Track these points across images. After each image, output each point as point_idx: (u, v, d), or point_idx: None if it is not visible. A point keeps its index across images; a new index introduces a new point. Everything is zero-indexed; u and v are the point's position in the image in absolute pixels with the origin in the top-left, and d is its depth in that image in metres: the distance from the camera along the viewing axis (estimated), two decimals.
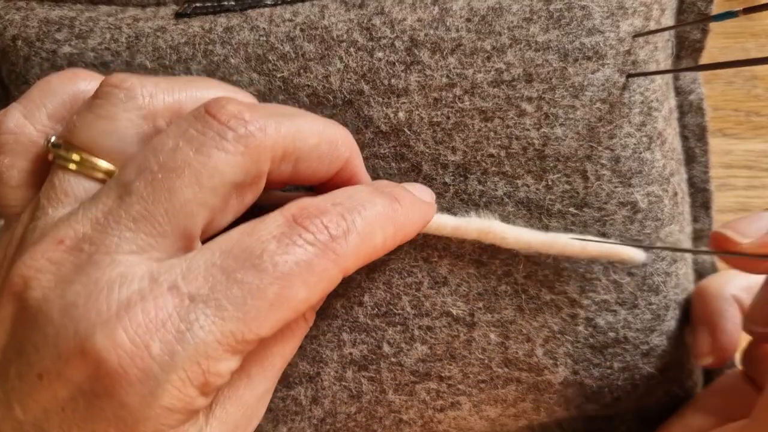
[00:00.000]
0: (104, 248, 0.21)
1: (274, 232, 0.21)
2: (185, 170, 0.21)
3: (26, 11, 0.31)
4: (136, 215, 0.21)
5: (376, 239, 0.23)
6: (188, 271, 0.20)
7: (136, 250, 0.21)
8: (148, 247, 0.21)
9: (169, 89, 0.24)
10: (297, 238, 0.21)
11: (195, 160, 0.21)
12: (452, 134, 0.29)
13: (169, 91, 0.24)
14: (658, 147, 0.30)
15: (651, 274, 0.30)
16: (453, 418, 0.30)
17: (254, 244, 0.21)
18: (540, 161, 0.29)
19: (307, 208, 0.22)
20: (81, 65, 0.29)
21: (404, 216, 0.24)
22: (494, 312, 0.29)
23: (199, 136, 0.21)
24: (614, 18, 0.29)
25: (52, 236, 0.21)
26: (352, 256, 0.22)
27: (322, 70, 0.29)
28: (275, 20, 0.29)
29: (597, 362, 0.30)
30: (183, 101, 0.24)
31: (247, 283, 0.20)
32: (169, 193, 0.21)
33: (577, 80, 0.29)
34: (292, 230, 0.21)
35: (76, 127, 0.23)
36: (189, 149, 0.21)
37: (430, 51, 0.29)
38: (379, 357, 0.29)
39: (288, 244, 0.21)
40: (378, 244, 0.24)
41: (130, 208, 0.21)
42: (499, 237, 0.28)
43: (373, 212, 0.23)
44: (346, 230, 0.22)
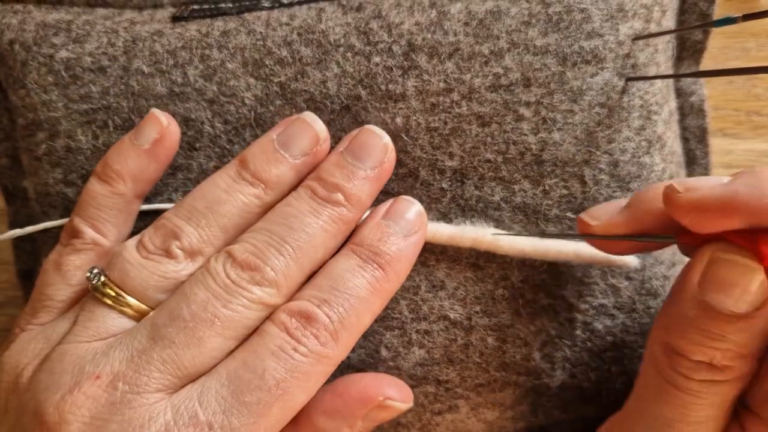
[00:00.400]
0: (136, 388, 0.23)
1: (271, 347, 0.24)
2: (215, 322, 0.24)
3: (23, 14, 0.31)
4: (166, 358, 0.24)
5: (365, 322, 0.26)
6: (203, 399, 0.23)
7: (161, 388, 0.24)
8: (172, 385, 0.24)
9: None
10: (293, 352, 0.24)
11: (222, 313, 0.24)
12: (449, 140, 0.29)
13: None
14: (658, 151, 0.30)
15: (649, 278, 0.30)
16: (451, 421, 0.30)
17: (256, 363, 0.24)
18: (537, 166, 0.29)
19: (295, 315, 0.25)
20: (78, 70, 0.29)
21: (393, 280, 0.26)
22: (491, 316, 0.29)
23: (224, 293, 0.24)
24: (614, 21, 0.29)
25: (90, 371, 0.23)
26: (344, 351, 0.25)
27: (320, 75, 0.29)
28: (272, 24, 0.29)
29: (595, 366, 0.30)
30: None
31: (254, 404, 0.23)
32: (198, 342, 0.24)
33: (575, 84, 0.28)
34: (287, 343, 0.24)
35: (117, 267, 0.26)
36: (218, 303, 0.24)
37: (428, 55, 0.28)
38: (377, 361, 0.29)
39: (285, 359, 0.24)
40: (368, 323, 0.26)
41: (162, 351, 0.24)
42: (493, 245, 0.28)
43: (359, 299, 0.25)
44: (335, 334, 0.25)
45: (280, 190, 0.27)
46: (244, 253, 0.25)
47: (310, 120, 0.27)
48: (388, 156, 0.27)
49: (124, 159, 0.27)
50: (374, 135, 0.27)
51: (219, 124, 0.29)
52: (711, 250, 0.22)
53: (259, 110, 0.29)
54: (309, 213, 0.26)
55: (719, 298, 0.22)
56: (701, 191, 0.21)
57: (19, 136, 0.31)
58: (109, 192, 0.27)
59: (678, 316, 0.23)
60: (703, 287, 0.22)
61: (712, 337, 0.22)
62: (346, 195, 0.26)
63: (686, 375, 0.23)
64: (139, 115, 0.29)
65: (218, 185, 0.26)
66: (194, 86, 0.29)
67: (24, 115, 0.30)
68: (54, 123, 0.29)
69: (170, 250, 0.26)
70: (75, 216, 0.28)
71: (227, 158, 0.29)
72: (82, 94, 0.29)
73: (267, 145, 0.27)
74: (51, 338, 0.26)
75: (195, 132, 0.29)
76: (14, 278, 0.37)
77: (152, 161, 0.28)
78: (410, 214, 0.27)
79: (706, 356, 0.22)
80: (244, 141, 0.29)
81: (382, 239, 0.26)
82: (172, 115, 0.29)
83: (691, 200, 0.21)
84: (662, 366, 0.24)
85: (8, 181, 0.33)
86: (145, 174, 0.28)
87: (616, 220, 0.25)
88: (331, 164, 0.27)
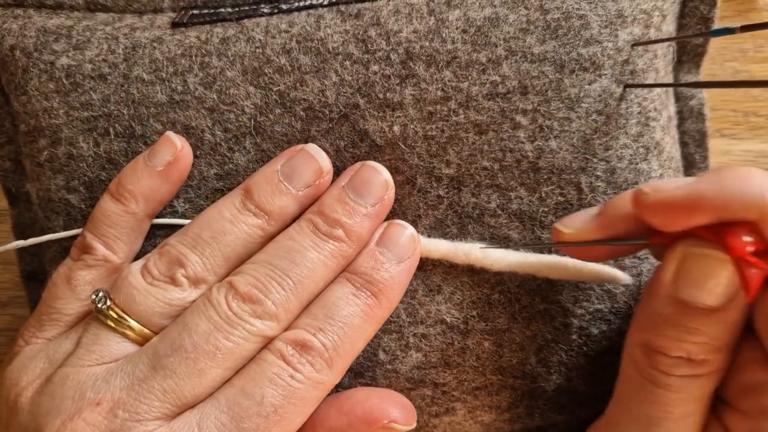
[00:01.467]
0: (135, 416, 0.24)
1: (269, 375, 0.25)
2: (216, 354, 0.25)
3: (24, 19, 0.31)
4: (167, 388, 0.24)
5: (358, 347, 0.27)
6: (203, 425, 0.24)
7: (160, 416, 0.24)
8: (171, 413, 0.24)
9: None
10: (289, 380, 0.25)
11: (224, 345, 0.25)
12: (446, 147, 0.29)
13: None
14: (655, 157, 0.30)
15: (645, 284, 0.30)
16: (448, 424, 0.31)
17: (254, 390, 0.25)
18: (534, 173, 0.29)
19: (292, 343, 0.25)
20: (79, 77, 0.29)
21: (385, 307, 0.27)
22: (488, 320, 0.30)
23: (225, 325, 0.25)
24: (612, 27, 0.29)
25: (90, 398, 0.24)
26: (338, 376, 0.26)
27: (318, 84, 0.29)
28: (271, 31, 0.29)
29: (591, 370, 0.30)
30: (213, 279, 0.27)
31: (253, 430, 0.24)
32: (200, 372, 0.25)
33: (573, 92, 0.29)
34: (284, 371, 0.25)
35: (123, 292, 0.26)
36: (219, 335, 0.25)
37: (426, 64, 0.28)
38: (375, 364, 0.30)
39: (282, 385, 0.25)
40: (361, 348, 0.27)
41: (163, 381, 0.24)
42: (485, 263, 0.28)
43: (352, 327, 0.26)
44: (330, 361, 0.26)
45: (282, 221, 0.28)
46: (246, 285, 0.26)
47: (314, 152, 0.28)
48: (388, 193, 0.28)
49: (137, 179, 0.28)
50: (375, 171, 0.28)
51: (219, 132, 0.29)
52: (682, 246, 0.23)
53: (259, 118, 0.29)
54: (311, 248, 0.26)
55: (693, 293, 0.22)
56: (668, 191, 0.22)
57: (22, 142, 0.31)
58: (122, 211, 0.28)
59: (654, 315, 0.24)
60: (676, 284, 0.23)
61: (689, 332, 0.23)
62: (347, 231, 0.27)
63: (666, 372, 0.23)
64: (140, 123, 0.29)
65: (223, 215, 0.27)
66: (194, 94, 0.29)
67: (26, 121, 0.30)
68: (55, 130, 0.30)
69: (175, 277, 0.26)
70: (87, 232, 0.28)
71: (227, 166, 0.29)
72: (83, 102, 0.29)
73: (271, 177, 0.28)
74: (53, 358, 0.26)
75: (195, 140, 0.29)
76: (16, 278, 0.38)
77: (165, 182, 0.28)
78: (403, 240, 0.28)
79: (683, 351, 0.23)
80: (244, 149, 0.29)
81: (376, 267, 0.27)
82: (173, 123, 0.29)
83: (658, 200, 0.22)
84: (642, 366, 0.24)
85: (11, 184, 0.33)
86: (157, 195, 0.28)
87: (588, 227, 0.26)
88: (333, 199, 0.28)
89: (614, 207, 0.25)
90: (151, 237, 0.30)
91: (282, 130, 0.29)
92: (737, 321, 0.23)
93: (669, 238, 0.23)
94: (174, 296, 0.26)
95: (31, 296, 0.35)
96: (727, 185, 0.21)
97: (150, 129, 0.29)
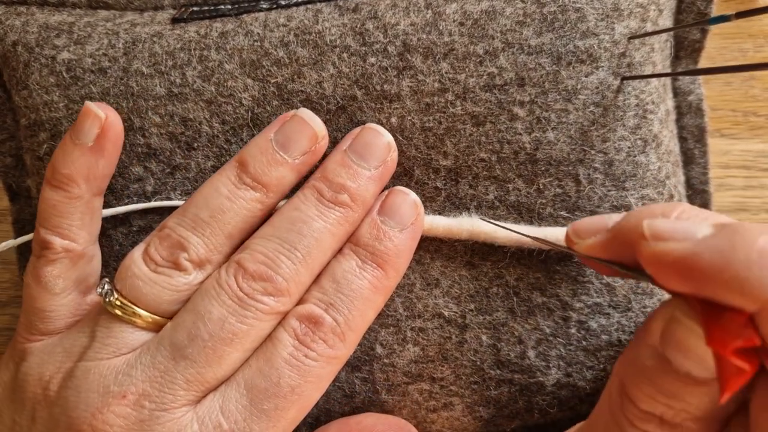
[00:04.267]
0: (162, 405, 0.24)
1: (284, 355, 0.25)
2: (234, 339, 0.25)
3: (26, 16, 0.31)
4: (189, 377, 0.24)
5: (369, 319, 0.27)
6: (225, 409, 0.25)
7: (186, 403, 0.25)
8: (195, 399, 0.25)
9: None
10: (304, 359, 0.25)
11: (239, 329, 0.25)
12: (444, 139, 0.29)
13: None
14: (654, 150, 0.30)
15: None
16: (446, 419, 0.31)
17: (271, 372, 0.25)
18: (531, 165, 0.29)
19: (304, 320, 0.26)
20: (79, 71, 0.30)
21: (392, 276, 0.27)
22: (486, 314, 0.29)
23: (238, 308, 0.25)
24: (609, 20, 0.29)
25: (115, 391, 0.24)
26: (351, 349, 0.27)
27: (316, 76, 0.29)
28: (269, 25, 0.30)
29: (590, 365, 0.30)
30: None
31: (272, 410, 0.25)
32: (219, 359, 0.25)
33: (570, 84, 0.29)
34: (298, 350, 0.25)
35: (128, 284, 0.26)
36: (234, 319, 0.25)
37: (423, 56, 0.29)
38: (372, 358, 0.30)
39: (298, 365, 0.25)
40: (372, 319, 0.27)
41: (185, 371, 0.24)
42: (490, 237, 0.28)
43: (362, 299, 0.26)
44: (342, 336, 0.26)
45: (281, 192, 0.27)
46: (255, 263, 0.25)
47: (308, 117, 0.28)
48: (391, 155, 0.28)
49: (71, 161, 0.27)
50: (377, 133, 0.28)
51: (217, 124, 0.29)
52: (671, 307, 0.21)
53: (257, 110, 0.29)
54: (317, 217, 0.26)
55: (678, 358, 0.20)
56: (667, 245, 0.19)
57: (22, 136, 0.31)
58: (65, 198, 0.27)
59: (636, 361, 0.22)
60: (663, 342, 0.21)
61: (666, 394, 0.21)
62: (352, 195, 0.27)
63: (633, 423, 0.22)
64: (138, 115, 0.29)
65: (220, 191, 0.27)
66: (192, 87, 0.29)
67: (26, 115, 0.30)
68: (56, 123, 0.30)
69: (179, 262, 0.26)
70: (40, 227, 0.28)
71: (225, 158, 0.29)
72: (83, 95, 0.30)
73: (266, 147, 0.27)
74: (71, 352, 0.26)
75: (193, 132, 0.29)
76: (16, 278, 0.38)
77: (100, 157, 0.27)
78: (404, 207, 0.28)
79: (656, 410, 0.21)
80: (241, 141, 0.29)
81: (379, 237, 0.27)
82: (171, 115, 0.29)
83: (655, 254, 0.20)
84: (614, 405, 0.23)
85: (12, 180, 0.33)
86: (96, 171, 0.27)
87: (597, 242, 0.25)
88: (335, 164, 0.27)
89: (623, 230, 0.23)
90: (145, 218, 0.30)
91: None
92: None
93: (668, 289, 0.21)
94: (180, 281, 0.26)
95: None
96: (734, 259, 0.17)
97: (149, 122, 0.29)
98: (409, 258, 0.28)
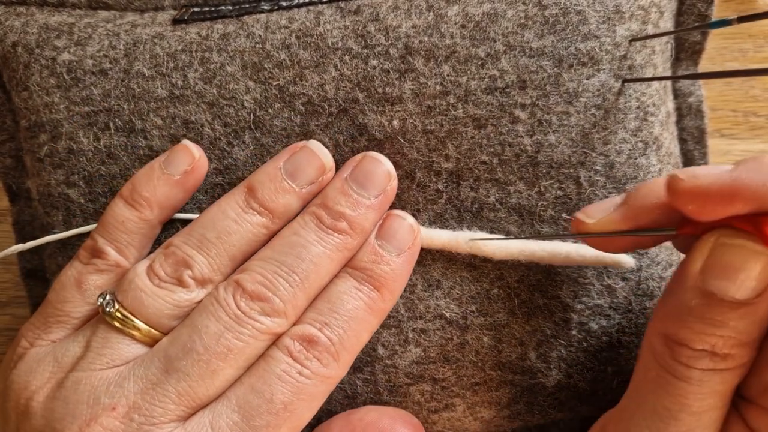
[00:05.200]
0: (151, 419, 0.24)
1: (277, 372, 0.25)
2: (228, 354, 0.25)
3: (26, 17, 0.31)
4: (181, 391, 0.24)
5: (363, 340, 0.27)
6: (216, 425, 0.25)
7: (175, 419, 0.25)
8: (185, 415, 0.25)
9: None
10: (297, 376, 0.25)
11: (235, 345, 0.25)
12: (445, 142, 0.29)
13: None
14: (654, 152, 0.30)
15: (645, 278, 0.30)
16: (447, 420, 0.31)
17: (264, 388, 0.25)
18: (533, 168, 0.29)
19: (299, 339, 0.26)
20: (80, 73, 0.30)
21: (388, 299, 0.28)
22: (487, 315, 0.30)
23: (235, 325, 0.25)
24: (610, 23, 0.29)
25: (105, 403, 0.24)
26: (344, 369, 0.27)
27: (317, 78, 0.29)
28: (271, 27, 0.30)
29: (591, 366, 0.30)
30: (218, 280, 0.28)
31: (264, 427, 0.25)
32: (212, 374, 0.25)
33: (571, 86, 0.29)
34: (292, 367, 0.25)
35: (131, 296, 0.26)
36: (230, 335, 0.25)
37: (425, 58, 0.29)
38: (374, 359, 0.30)
39: (291, 382, 0.25)
40: (366, 340, 0.28)
41: (177, 384, 0.24)
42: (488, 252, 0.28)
43: (357, 320, 0.27)
44: (336, 355, 0.26)
45: (286, 218, 0.28)
46: (254, 283, 0.26)
47: (316, 149, 0.28)
48: (390, 184, 0.28)
49: (153, 187, 0.28)
50: (377, 162, 0.28)
51: (219, 126, 0.29)
52: (715, 236, 0.22)
53: (258, 113, 0.29)
54: (316, 242, 0.27)
55: (722, 285, 0.22)
56: (705, 178, 0.21)
57: (22, 138, 0.31)
58: (136, 218, 0.28)
59: (678, 306, 0.23)
60: (705, 275, 0.22)
61: (715, 325, 0.22)
62: (351, 223, 0.27)
63: (688, 364, 0.23)
64: (140, 118, 0.29)
65: (227, 214, 0.27)
66: (194, 89, 0.29)
67: (27, 116, 0.30)
68: (56, 125, 0.30)
69: (182, 278, 0.26)
70: (99, 237, 0.28)
71: (227, 160, 0.29)
72: (83, 97, 0.30)
73: (274, 174, 0.28)
74: (62, 362, 0.26)
75: (195, 134, 0.29)
76: (16, 278, 0.38)
77: (180, 191, 0.29)
78: (402, 232, 0.28)
79: (708, 344, 0.22)
80: (243, 143, 0.29)
81: (376, 261, 0.27)
82: (173, 117, 0.29)
83: (695, 187, 0.21)
84: (663, 357, 0.24)
85: (12, 181, 0.33)
86: (171, 202, 0.29)
87: (612, 217, 0.25)
88: (336, 191, 0.28)
89: (639, 196, 0.25)
90: None
91: (281, 124, 0.29)
92: (765, 316, 0.22)
93: (700, 229, 0.23)
94: (182, 297, 0.26)
95: (31, 293, 0.35)
96: (767, 173, 0.20)
97: (150, 124, 0.29)
98: (406, 281, 0.29)
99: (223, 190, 0.30)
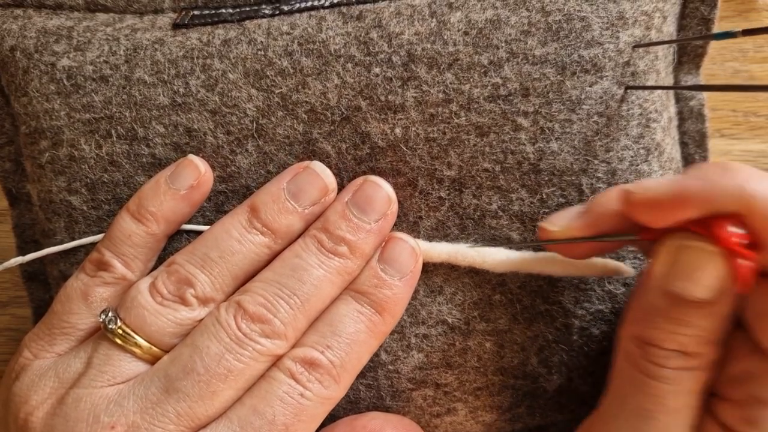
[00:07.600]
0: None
1: (279, 393, 0.25)
2: (228, 376, 0.25)
3: (24, 20, 0.31)
4: (180, 411, 0.25)
5: (363, 361, 0.27)
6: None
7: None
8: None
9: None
10: (299, 397, 0.26)
11: (235, 366, 0.25)
12: (448, 150, 0.29)
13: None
14: (656, 158, 0.30)
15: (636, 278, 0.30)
16: (449, 424, 0.31)
17: (266, 409, 0.25)
18: (535, 175, 0.29)
19: (300, 361, 0.26)
20: (80, 79, 0.29)
21: (389, 322, 0.28)
22: (489, 321, 0.30)
23: (236, 346, 0.26)
24: (614, 29, 0.29)
25: (105, 422, 0.25)
26: (345, 391, 0.27)
27: (320, 86, 0.29)
28: (273, 33, 0.29)
29: (592, 370, 0.30)
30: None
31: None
32: (212, 395, 0.25)
33: (574, 94, 0.29)
34: (293, 389, 0.26)
35: (133, 313, 0.26)
36: (230, 356, 0.25)
37: (427, 66, 0.28)
38: (377, 364, 0.30)
39: (292, 403, 0.25)
40: (366, 361, 0.28)
41: (177, 404, 0.25)
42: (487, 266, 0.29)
43: (358, 343, 0.27)
44: (338, 377, 0.26)
45: (288, 239, 0.28)
46: (255, 305, 0.26)
47: (319, 170, 0.28)
48: (391, 208, 0.29)
49: (160, 202, 0.28)
50: (378, 187, 0.29)
51: (221, 134, 0.29)
52: (673, 239, 0.23)
53: (261, 121, 0.29)
54: (317, 266, 0.27)
55: (684, 285, 0.23)
56: (654, 189, 0.23)
57: (22, 143, 0.31)
58: (143, 232, 0.28)
59: (646, 308, 0.24)
60: (668, 277, 0.23)
61: (681, 324, 0.23)
62: (351, 248, 0.27)
63: (660, 364, 0.24)
64: (142, 125, 0.29)
65: (230, 234, 0.27)
66: (196, 96, 0.29)
67: (27, 122, 0.30)
68: (57, 131, 0.30)
69: (185, 297, 0.27)
70: (106, 250, 0.28)
71: (229, 168, 0.29)
72: (84, 104, 0.29)
73: (277, 195, 0.28)
74: (63, 378, 0.26)
75: (198, 142, 0.29)
76: (16, 278, 0.38)
77: (186, 206, 0.29)
78: (404, 256, 0.28)
79: (677, 344, 0.23)
80: (246, 151, 0.29)
81: (378, 286, 0.28)
82: (175, 125, 0.29)
83: (646, 198, 0.23)
84: (636, 358, 0.25)
85: (12, 185, 0.33)
86: (178, 217, 0.29)
87: (575, 224, 0.26)
88: (337, 216, 0.28)
89: (600, 204, 0.26)
90: None
91: (284, 132, 0.29)
92: (727, 314, 0.23)
93: (658, 234, 0.24)
94: (184, 316, 0.27)
95: (32, 296, 0.35)
96: (709, 179, 0.22)
97: (153, 132, 0.29)
98: (407, 303, 0.29)
99: (226, 198, 0.30)
